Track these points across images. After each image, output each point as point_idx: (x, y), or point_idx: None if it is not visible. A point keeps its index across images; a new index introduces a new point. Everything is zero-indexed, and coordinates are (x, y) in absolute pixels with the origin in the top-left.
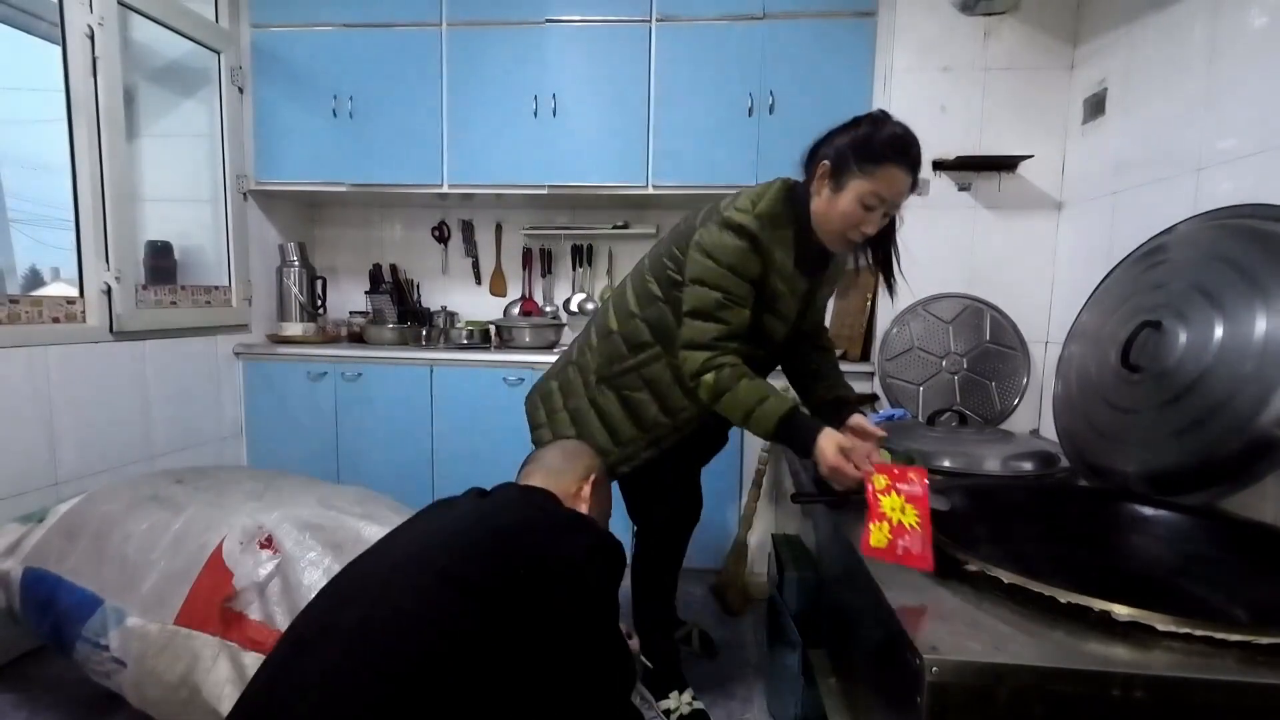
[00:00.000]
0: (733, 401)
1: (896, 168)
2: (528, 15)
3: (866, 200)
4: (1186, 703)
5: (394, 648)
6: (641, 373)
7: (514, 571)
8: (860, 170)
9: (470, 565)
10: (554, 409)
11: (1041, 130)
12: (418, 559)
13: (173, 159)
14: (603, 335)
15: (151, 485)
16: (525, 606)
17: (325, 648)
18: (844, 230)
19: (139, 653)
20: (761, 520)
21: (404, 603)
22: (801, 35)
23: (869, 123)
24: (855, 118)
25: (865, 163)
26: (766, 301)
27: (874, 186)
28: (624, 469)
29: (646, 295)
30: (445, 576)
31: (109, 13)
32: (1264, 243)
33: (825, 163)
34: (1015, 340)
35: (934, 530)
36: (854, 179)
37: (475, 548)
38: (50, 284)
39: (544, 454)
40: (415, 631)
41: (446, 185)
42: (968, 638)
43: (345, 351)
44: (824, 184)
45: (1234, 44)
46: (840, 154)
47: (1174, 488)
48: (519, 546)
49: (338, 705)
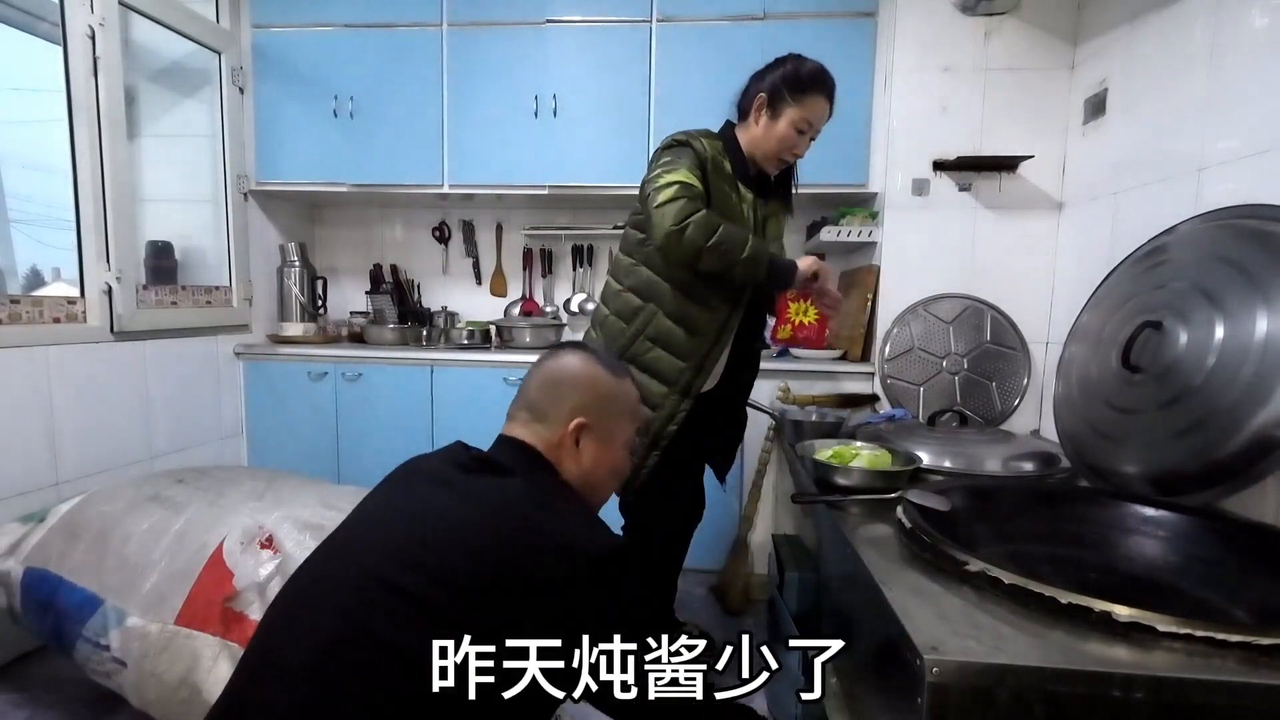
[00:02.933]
0: (729, 234)
1: (821, 97)
2: (528, 15)
3: (799, 125)
4: (1187, 703)
5: (364, 667)
6: (646, 333)
7: (501, 596)
8: (793, 99)
9: (443, 590)
10: None
11: (1042, 130)
12: (385, 565)
13: (174, 159)
14: (600, 323)
15: (152, 485)
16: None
17: (286, 663)
18: (780, 152)
19: (139, 653)
20: (761, 520)
21: (370, 622)
22: (802, 35)
23: (793, 60)
24: (778, 58)
25: (797, 93)
26: (718, 205)
27: (804, 113)
28: (672, 428)
29: (623, 269)
30: (421, 604)
31: (110, 13)
32: (1265, 243)
33: (762, 95)
34: (1016, 341)
35: (931, 524)
36: (788, 107)
37: (445, 567)
38: (51, 284)
39: (528, 384)
40: (383, 656)
41: (447, 185)
42: (968, 638)
43: (346, 352)
44: (760, 114)
45: (1235, 44)
46: (774, 87)
47: (1175, 488)
48: (500, 565)
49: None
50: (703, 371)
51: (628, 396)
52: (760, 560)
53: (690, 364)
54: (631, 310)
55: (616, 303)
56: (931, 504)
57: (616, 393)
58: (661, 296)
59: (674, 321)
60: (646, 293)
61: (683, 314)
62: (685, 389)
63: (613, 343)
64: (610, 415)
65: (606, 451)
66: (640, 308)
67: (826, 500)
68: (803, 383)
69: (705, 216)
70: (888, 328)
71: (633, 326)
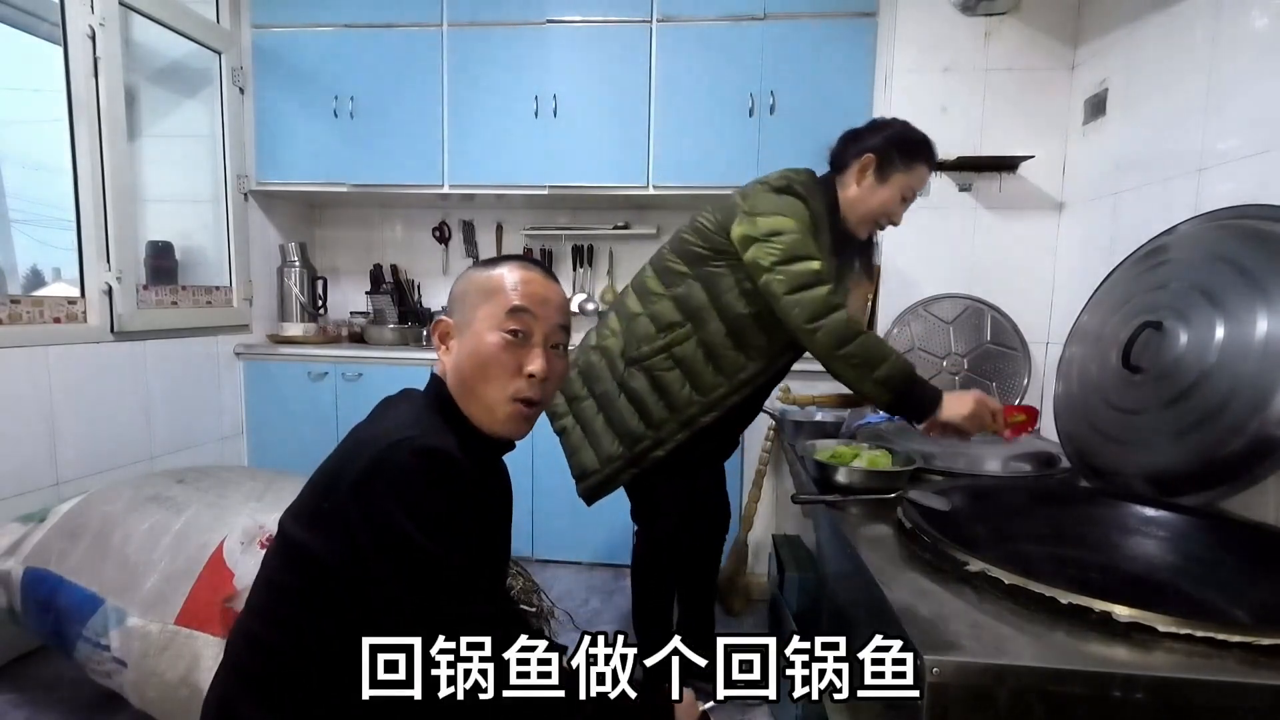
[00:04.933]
0: (865, 349)
1: (928, 166)
2: (528, 16)
3: (905, 192)
4: (1187, 704)
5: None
6: (673, 352)
7: (325, 510)
8: (904, 164)
9: (301, 511)
10: (575, 395)
11: (1042, 131)
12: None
13: (174, 159)
14: (628, 319)
15: (152, 485)
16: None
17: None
18: (878, 217)
19: (140, 653)
20: (762, 520)
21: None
22: (802, 36)
23: (901, 124)
24: (881, 120)
25: (909, 158)
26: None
27: (912, 180)
28: (658, 453)
29: (671, 274)
30: (284, 526)
31: (110, 13)
32: (1265, 243)
33: (870, 155)
34: (1016, 341)
35: (931, 524)
36: (898, 173)
37: (313, 484)
38: (51, 284)
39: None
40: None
41: (447, 185)
42: (968, 638)
43: (346, 352)
44: (865, 175)
45: (1235, 44)
46: (886, 149)
47: (1175, 488)
48: (339, 475)
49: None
50: (712, 411)
51: (472, 280)
52: (760, 560)
53: (702, 401)
54: (667, 322)
55: (654, 305)
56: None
57: (464, 284)
58: (705, 324)
59: (705, 353)
60: (690, 312)
61: (718, 350)
62: (688, 422)
63: (633, 342)
64: (462, 306)
65: (465, 341)
66: (678, 323)
67: (826, 500)
68: (803, 383)
69: (842, 322)
70: (888, 328)
71: (663, 338)
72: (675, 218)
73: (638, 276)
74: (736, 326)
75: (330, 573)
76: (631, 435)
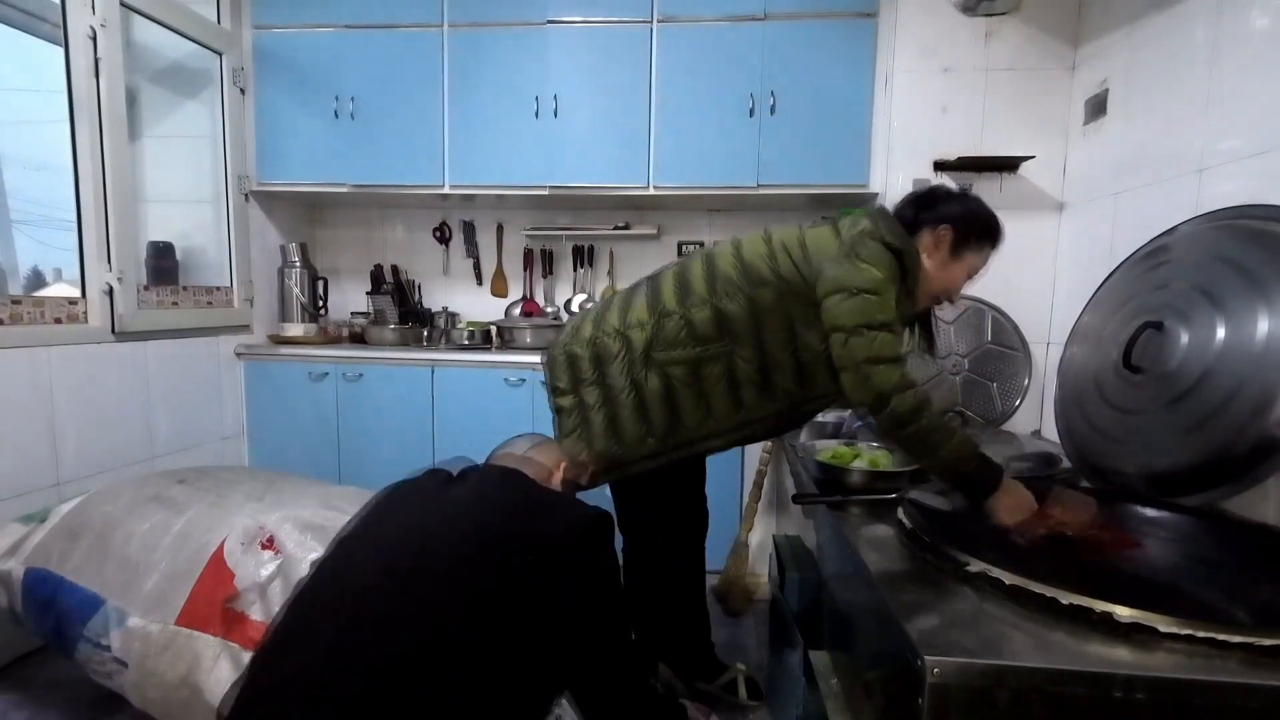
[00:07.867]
0: (932, 428)
1: (993, 249)
2: (529, 16)
3: (971, 272)
4: (1188, 704)
5: (392, 649)
6: (700, 370)
7: (504, 566)
8: (977, 245)
9: (461, 566)
10: (582, 378)
11: (1043, 131)
12: (416, 554)
13: (175, 160)
14: (661, 314)
15: (153, 485)
16: (519, 599)
17: (310, 649)
18: (942, 292)
19: (140, 653)
20: (762, 521)
21: (399, 608)
22: (802, 36)
23: (975, 201)
24: (949, 192)
25: (983, 239)
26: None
27: (980, 262)
28: (646, 464)
29: (723, 280)
30: (440, 579)
31: (111, 14)
32: (1266, 243)
33: (950, 229)
34: (1017, 341)
35: (932, 524)
36: (970, 252)
37: (466, 545)
38: (52, 284)
39: (515, 443)
40: (413, 636)
41: (448, 186)
42: (969, 639)
43: (346, 352)
44: (941, 249)
45: (1236, 45)
46: (965, 228)
47: (1176, 489)
48: (506, 538)
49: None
50: (691, 450)
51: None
52: (761, 561)
53: (693, 435)
54: (704, 334)
55: (694, 312)
56: (932, 504)
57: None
58: (740, 349)
59: (727, 381)
60: (730, 331)
61: (740, 381)
62: (660, 452)
63: (660, 343)
64: None
65: None
66: (713, 339)
67: (827, 501)
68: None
69: (915, 399)
70: None
71: (694, 349)
72: (675, 218)
73: (682, 268)
74: (769, 366)
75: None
76: (629, 438)
